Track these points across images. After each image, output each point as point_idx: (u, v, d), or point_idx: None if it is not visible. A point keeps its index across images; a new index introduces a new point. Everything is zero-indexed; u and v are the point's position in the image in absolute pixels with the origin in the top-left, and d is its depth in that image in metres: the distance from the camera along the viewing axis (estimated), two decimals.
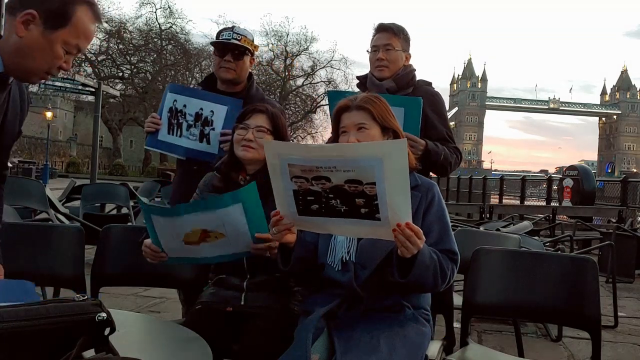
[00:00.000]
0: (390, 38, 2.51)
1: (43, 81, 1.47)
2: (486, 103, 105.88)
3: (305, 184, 1.43)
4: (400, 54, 2.53)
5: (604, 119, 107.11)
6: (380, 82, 2.50)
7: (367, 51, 2.59)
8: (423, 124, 2.35)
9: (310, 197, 1.44)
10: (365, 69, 2.72)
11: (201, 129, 2.40)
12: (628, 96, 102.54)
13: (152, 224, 1.78)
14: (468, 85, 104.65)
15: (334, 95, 2.37)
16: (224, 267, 1.91)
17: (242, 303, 1.82)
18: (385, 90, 2.44)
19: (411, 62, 2.61)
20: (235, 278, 1.88)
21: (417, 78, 2.60)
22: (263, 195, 1.67)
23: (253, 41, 2.56)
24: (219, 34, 2.54)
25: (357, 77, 2.69)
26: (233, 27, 2.57)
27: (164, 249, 1.80)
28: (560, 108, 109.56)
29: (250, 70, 2.58)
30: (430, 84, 2.64)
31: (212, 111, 2.38)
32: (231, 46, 2.45)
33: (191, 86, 2.73)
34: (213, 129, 2.38)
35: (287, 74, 32.42)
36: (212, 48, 2.57)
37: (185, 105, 2.41)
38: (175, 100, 2.44)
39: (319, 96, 32.30)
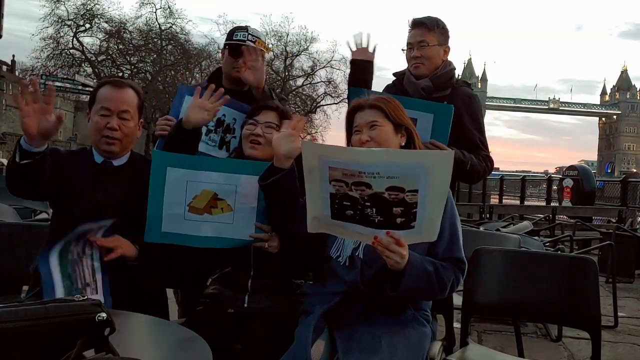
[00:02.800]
0: (424, 34, 2.42)
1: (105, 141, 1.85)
2: (486, 103, 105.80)
3: (344, 188, 1.41)
4: (436, 49, 2.43)
5: (603, 119, 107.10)
6: (417, 80, 2.43)
7: (402, 50, 2.50)
8: (456, 127, 2.27)
9: (346, 202, 1.43)
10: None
11: (222, 136, 2.30)
12: (628, 96, 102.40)
13: (163, 180, 1.78)
14: None
15: (356, 92, 2.26)
16: (230, 259, 1.90)
17: (246, 305, 1.82)
18: (420, 89, 2.38)
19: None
20: (240, 274, 1.87)
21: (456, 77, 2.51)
22: None
23: (265, 42, 2.48)
24: (232, 33, 2.45)
25: (394, 74, 2.60)
26: (247, 27, 2.46)
27: (163, 217, 1.79)
28: (560, 108, 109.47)
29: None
30: (469, 84, 2.56)
31: (234, 119, 2.27)
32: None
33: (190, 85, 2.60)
34: (235, 137, 2.28)
35: (287, 74, 32.37)
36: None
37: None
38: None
39: (319, 96, 32.26)
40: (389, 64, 2.90)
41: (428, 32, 2.42)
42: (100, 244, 1.67)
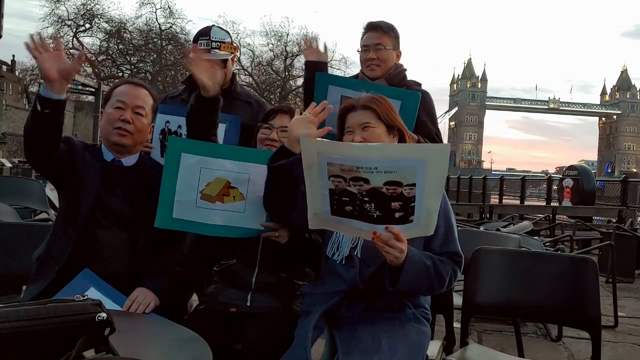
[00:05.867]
0: (380, 37, 2.49)
1: (120, 137, 1.86)
2: (486, 103, 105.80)
3: (343, 183, 1.42)
4: (391, 52, 2.51)
5: (604, 119, 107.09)
6: (372, 81, 2.48)
7: (358, 51, 2.58)
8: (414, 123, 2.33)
9: (345, 198, 1.44)
10: (355, 66, 2.71)
11: None
12: (628, 96, 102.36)
13: (177, 166, 1.78)
14: (468, 85, 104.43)
15: (323, 78, 2.35)
16: (237, 253, 1.89)
17: (248, 304, 1.82)
18: None
19: (402, 61, 2.60)
20: (244, 271, 1.86)
21: (409, 78, 2.58)
22: None
23: (232, 42, 2.49)
24: (196, 39, 2.45)
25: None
26: (210, 30, 2.44)
27: (175, 202, 1.78)
28: (560, 108, 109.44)
29: (233, 70, 2.54)
30: (420, 84, 2.62)
31: (179, 126, 2.29)
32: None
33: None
34: None
35: (287, 74, 32.36)
36: None
37: (180, 126, 2.31)
38: (167, 122, 2.35)
39: None
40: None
41: (384, 35, 2.50)
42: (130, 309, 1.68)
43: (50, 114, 1.68)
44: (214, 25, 2.53)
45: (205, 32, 2.44)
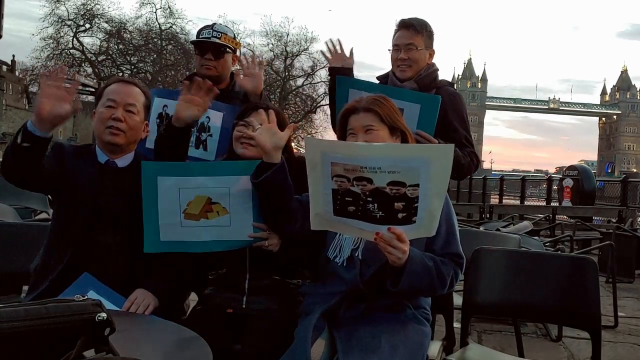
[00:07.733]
0: (412, 36, 2.38)
1: (112, 136, 1.82)
2: (486, 103, 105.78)
3: (346, 183, 1.42)
4: (423, 52, 2.40)
5: (603, 119, 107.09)
6: (401, 83, 2.40)
7: (389, 50, 2.46)
8: (441, 126, 2.26)
9: (348, 198, 1.43)
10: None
11: (197, 135, 2.29)
12: (628, 96, 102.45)
13: (155, 190, 1.75)
14: (468, 86, 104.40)
15: (344, 82, 2.29)
16: (225, 260, 1.88)
17: (244, 306, 1.81)
18: None
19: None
20: (236, 276, 1.86)
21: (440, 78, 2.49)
22: None
23: (235, 38, 2.49)
24: (199, 32, 2.48)
25: (377, 78, 2.57)
26: (214, 24, 2.48)
27: (160, 226, 1.77)
28: (561, 108, 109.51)
29: (233, 69, 2.51)
30: (452, 84, 2.54)
31: (207, 117, 2.27)
32: (210, 45, 2.39)
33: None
34: (210, 135, 2.29)
35: (287, 74, 32.33)
36: None
37: None
38: (165, 106, 2.31)
39: (319, 96, 32.12)
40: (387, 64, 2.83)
41: (416, 35, 2.39)
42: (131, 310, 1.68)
43: (31, 148, 1.62)
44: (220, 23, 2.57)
45: (209, 25, 2.48)
